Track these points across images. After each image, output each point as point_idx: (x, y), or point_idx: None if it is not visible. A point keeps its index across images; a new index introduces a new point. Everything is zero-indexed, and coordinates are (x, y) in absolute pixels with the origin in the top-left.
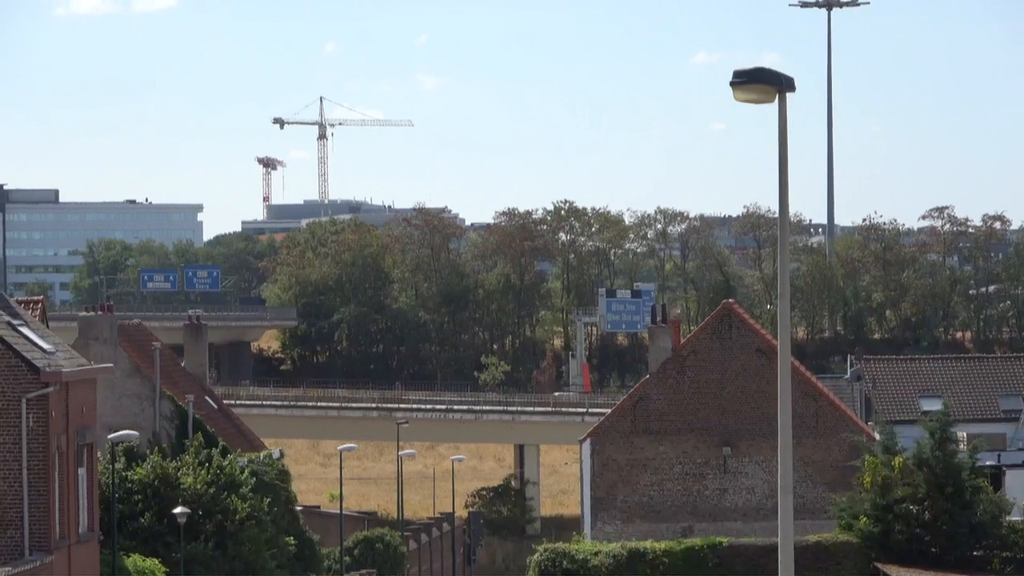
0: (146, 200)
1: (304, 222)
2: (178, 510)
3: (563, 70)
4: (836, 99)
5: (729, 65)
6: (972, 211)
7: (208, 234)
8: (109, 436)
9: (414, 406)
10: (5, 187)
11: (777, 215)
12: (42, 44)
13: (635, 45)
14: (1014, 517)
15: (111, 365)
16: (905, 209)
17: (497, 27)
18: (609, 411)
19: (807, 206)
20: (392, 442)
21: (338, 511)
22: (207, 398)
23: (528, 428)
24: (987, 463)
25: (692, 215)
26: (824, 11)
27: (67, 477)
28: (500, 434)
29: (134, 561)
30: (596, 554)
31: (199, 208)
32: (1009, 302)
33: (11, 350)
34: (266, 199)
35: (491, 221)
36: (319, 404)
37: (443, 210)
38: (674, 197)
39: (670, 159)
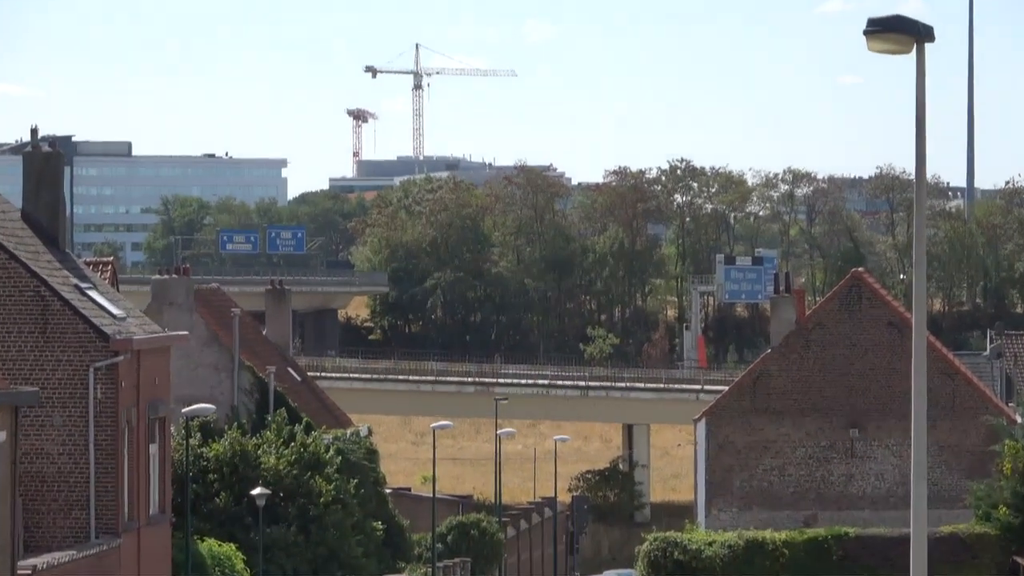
0: (226, 154)
1: (397, 180)
2: (257, 491)
3: (682, 18)
4: (978, 50)
5: (863, 12)
6: None
7: (293, 192)
8: (183, 410)
9: (514, 381)
10: (74, 139)
11: (913, 177)
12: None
13: None
14: None
15: (186, 333)
16: None
17: None
18: (726, 388)
19: (945, 167)
20: (490, 420)
21: (430, 494)
22: (290, 370)
23: (638, 406)
24: None
25: (820, 176)
26: None
27: (137, 454)
28: (607, 412)
29: (209, 546)
30: (710, 544)
31: (283, 163)
32: None
33: (78, 315)
34: (356, 154)
35: (600, 180)
36: (411, 378)
37: (548, 168)
38: (801, 156)
39: (797, 114)
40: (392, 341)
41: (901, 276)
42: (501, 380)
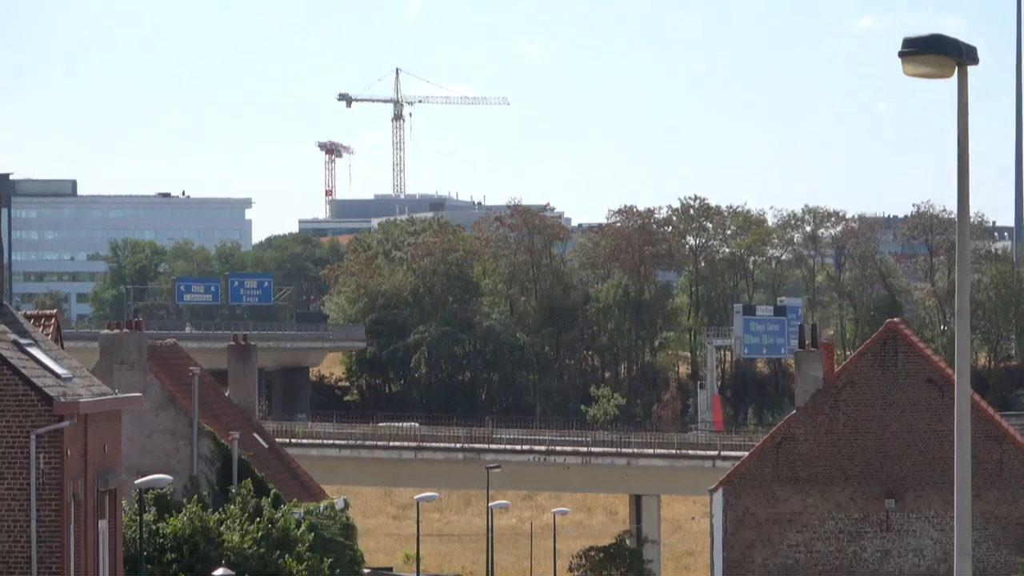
0: (183, 193)
1: (375, 221)
2: (220, 572)
3: (694, 39)
4: None
5: (899, 31)
6: None
7: (258, 235)
8: (136, 481)
9: (508, 447)
10: (12, 177)
11: (954, 215)
12: (61, 14)
13: (785, 7)
14: None
15: (139, 395)
16: None
17: None
18: (746, 454)
19: (991, 205)
20: (481, 491)
21: (414, 574)
22: (256, 435)
23: (647, 475)
24: None
25: (849, 215)
26: None
27: (85, 531)
28: (612, 482)
29: None
30: None
31: (247, 203)
32: None
33: (18, 375)
34: (329, 193)
35: (603, 221)
36: (392, 444)
37: (544, 207)
38: (828, 193)
39: (824, 147)
40: (370, 403)
41: (942, 327)
42: (493, 446)
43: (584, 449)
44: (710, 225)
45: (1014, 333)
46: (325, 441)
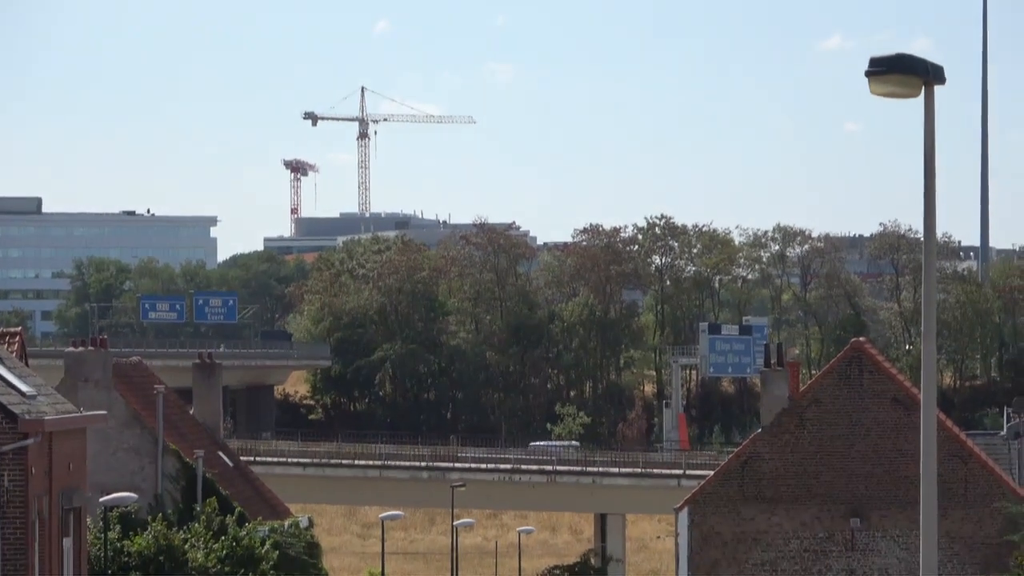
0: (148, 211)
1: (340, 239)
2: None
3: (660, 59)
4: (993, 93)
5: (866, 51)
6: None
7: (223, 254)
8: (101, 499)
9: (473, 466)
10: None
11: (921, 235)
12: (25, 30)
13: (752, 26)
14: None
15: (104, 412)
16: None
17: (586, 9)
18: (711, 473)
19: (956, 225)
20: (445, 509)
21: None
22: (220, 454)
23: (612, 493)
24: None
25: (815, 234)
26: None
27: (49, 549)
28: (577, 501)
29: None
30: None
31: (212, 221)
32: None
33: None
34: (294, 211)
35: (569, 240)
36: (357, 462)
37: (510, 226)
38: (794, 213)
39: (790, 166)
40: (335, 421)
41: (908, 347)
42: (458, 465)
43: (549, 468)
44: (676, 244)
45: (979, 353)
46: (290, 459)
